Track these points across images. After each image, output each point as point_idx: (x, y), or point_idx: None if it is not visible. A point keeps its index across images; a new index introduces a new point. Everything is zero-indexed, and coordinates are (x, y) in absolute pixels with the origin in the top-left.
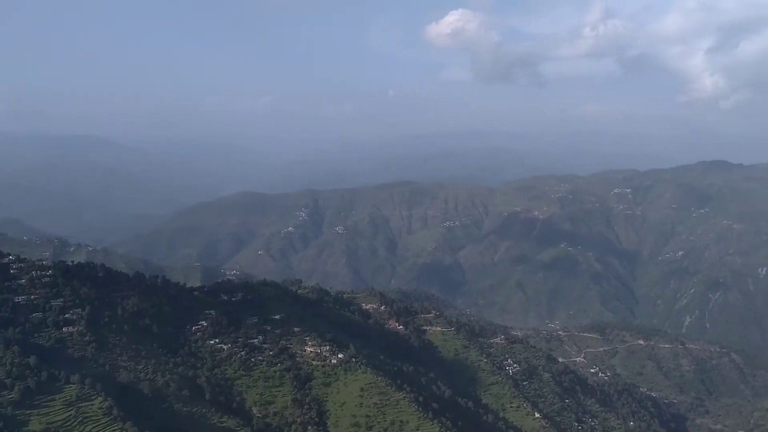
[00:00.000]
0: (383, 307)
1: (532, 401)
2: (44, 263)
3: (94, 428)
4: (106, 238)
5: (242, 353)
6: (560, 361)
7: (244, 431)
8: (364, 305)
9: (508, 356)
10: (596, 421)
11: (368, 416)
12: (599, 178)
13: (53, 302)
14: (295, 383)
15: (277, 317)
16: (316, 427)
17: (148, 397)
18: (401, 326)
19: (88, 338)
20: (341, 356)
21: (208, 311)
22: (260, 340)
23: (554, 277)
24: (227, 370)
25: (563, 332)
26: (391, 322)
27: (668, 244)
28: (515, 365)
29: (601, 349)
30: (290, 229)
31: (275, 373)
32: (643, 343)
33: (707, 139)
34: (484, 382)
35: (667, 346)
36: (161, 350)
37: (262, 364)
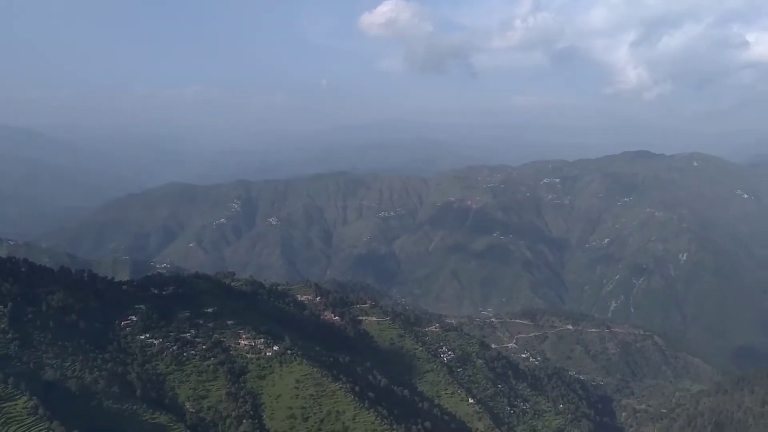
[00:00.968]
0: (318, 298)
1: (466, 387)
2: None
3: (18, 429)
4: (29, 232)
5: (174, 348)
6: (493, 347)
7: (177, 427)
8: (299, 297)
9: (442, 344)
10: (527, 404)
11: (304, 408)
12: (530, 168)
13: None
14: (229, 377)
15: (209, 311)
16: (251, 420)
17: (75, 395)
18: (337, 317)
19: (10, 336)
20: (276, 348)
21: (137, 306)
22: (193, 334)
23: (487, 265)
24: (159, 365)
25: (496, 319)
26: (326, 313)
27: (595, 231)
28: (450, 353)
29: (532, 334)
30: (222, 220)
31: (209, 367)
32: (571, 328)
33: (631, 129)
34: (419, 370)
35: (594, 330)
36: (89, 346)
37: (194, 358)
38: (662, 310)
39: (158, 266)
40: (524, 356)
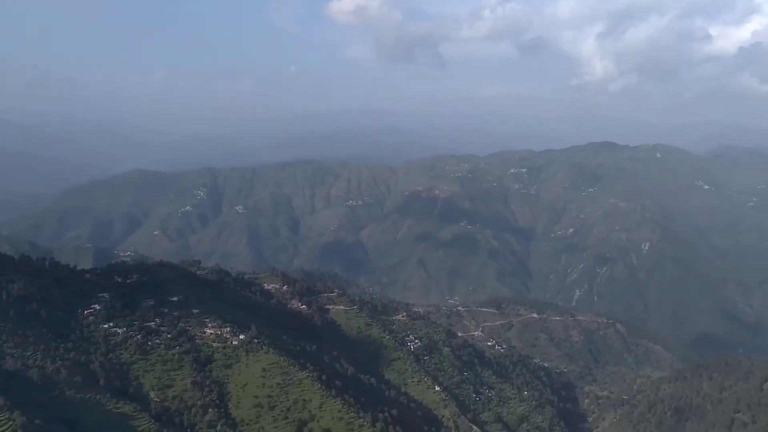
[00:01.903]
0: (285, 287)
1: (432, 375)
2: None
3: None
4: None
5: (138, 337)
6: (459, 335)
7: (141, 416)
8: (266, 285)
9: (409, 332)
10: (493, 392)
11: (270, 396)
12: (497, 158)
13: None
14: (194, 366)
15: (174, 299)
16: (217, 409)
17: (37, 384)
18: (304, 306)
19: None
20: (242, 337)
21: (101, 294)
22: (157, 322)
23: (454, 254)
24: (123, 354)
25: (462, 308)
26: (293, 302)
27: (560, 221)
28: (417, 341)
29: (497, 323)
30: (188, 208)
31: (174, 356)
32: (536, 316)
33: (597, 120)
34: (386, 358)
35: (558, 318)
36: (51, 336)
37: (159, 347)
38: (625, 298)
39: (122, 254)
40: (490, 344)
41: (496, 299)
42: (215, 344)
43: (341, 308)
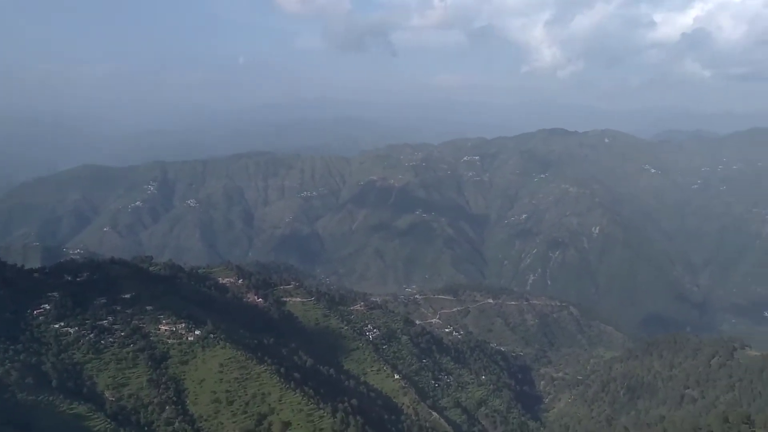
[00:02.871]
0: (241, 280)
1: (391, 364)
2: None
3: None
4: None
5: (91, 336)
6: (417, 323)
7: (96, 416)
8: (220, 280)
9: (367, 322)
10: (452, 377)
11: (229, 391)
12: (450, 146)
13: None
14: (150, 363)
15: (127, 296)
16: (174, 406)
17: None
18: (260, 299)
19: None
20: (198, 333)
21: (50, 294)
22: (110, 321)
23: (410, 243)
24: (75, 354)
25: (420, 296)
26: (249, 295)
27: (513, 207)
28: (375, 330)
29: (454, 309)
30: (138, 203)
31: (128, 354)
32: (492, 301)
33: (547, 107)
34: (345, 348)
35: (513, 303)
36: None
37: (113, 345)
38: (577, 281)
39: (71, 252)
40: (447, 331)
41: (452, 286)
42: (170, 341)
43: (298, 300)
